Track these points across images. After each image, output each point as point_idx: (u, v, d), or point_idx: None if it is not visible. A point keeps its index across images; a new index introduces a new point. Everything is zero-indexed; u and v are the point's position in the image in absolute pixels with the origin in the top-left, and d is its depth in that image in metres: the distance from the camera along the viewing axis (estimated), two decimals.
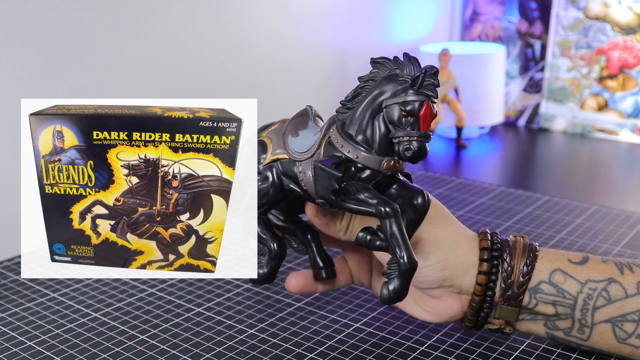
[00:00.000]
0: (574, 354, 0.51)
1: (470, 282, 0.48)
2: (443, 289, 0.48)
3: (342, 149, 0.44)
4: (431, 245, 0.47)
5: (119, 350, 0.53)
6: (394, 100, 0.42)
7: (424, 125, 0.42)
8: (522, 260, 0.48)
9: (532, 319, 0.49)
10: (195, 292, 0.62)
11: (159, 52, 0.86)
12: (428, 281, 0.48)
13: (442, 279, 0.47)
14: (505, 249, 0.48)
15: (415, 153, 0.41)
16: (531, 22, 1.28)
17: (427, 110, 0.41)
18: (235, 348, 0.53)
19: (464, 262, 0.48)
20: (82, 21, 0.77)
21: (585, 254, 0.49)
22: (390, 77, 0.43)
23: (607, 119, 1.21)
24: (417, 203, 0.43)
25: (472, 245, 0.48)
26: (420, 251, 0.46)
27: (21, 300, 0.61)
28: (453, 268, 0.47)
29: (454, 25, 1.37)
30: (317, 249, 0.51)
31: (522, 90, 1.30)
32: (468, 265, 0.48)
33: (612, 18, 1.18)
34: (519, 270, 0.47)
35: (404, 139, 0.41)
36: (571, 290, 0.47)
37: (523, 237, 0.50)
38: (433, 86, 0.42)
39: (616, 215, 0.79)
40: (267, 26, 0.98)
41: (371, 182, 0.44)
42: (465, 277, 0.48)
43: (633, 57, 1.17)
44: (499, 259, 0.48)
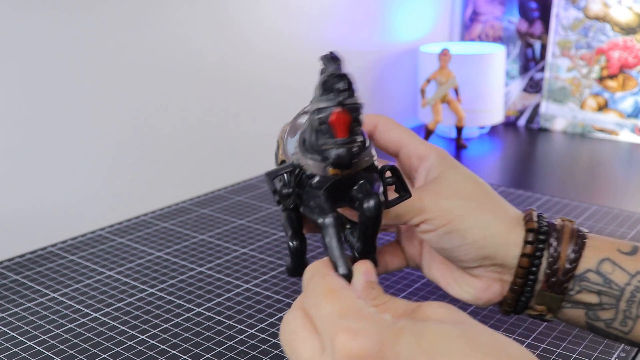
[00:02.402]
0: (574, 355, 0.51)
1: (512, 262, 0.45)
2: (484, 268, 0.46)
3: (294, 155, 0.43)
4: (468, 222, 0.44)
5: (119, 350, 0.53)
6: (311, 107, 0.41)
7: (340, 132, 0.39)
8: (570, 247, 0.45)
9: (573, 307, 0.46)
10: (195, 292, 0.62)
11: (159, 52, 0.86)
12: (467, 260, 0.45)
13: (482, 258, 0.45)
14: (552, 233, 0.46)
15: (336, 161, 0.39)
16: (531, 22, 1.28)
17: (338, 116, 0.39)
18: (235, 348, 0.53)
19: (505, 241, 0.45)
20: (82, 21, 0.77)
21: (635, 244, 0.46)
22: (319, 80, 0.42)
23: (607, 119, 1.21)
24: (364, 207, 0.41)
25: (514, 224, 0.46)
26: (457, 229, 0.44)
27: (21, 300, 0.61)
28: (493, 247, 0.45)
29: (454, 25, 1.37)
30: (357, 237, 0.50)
31: (522, 90, 1.30)
32: (509, 244, 0.45)
33: (612, 18, 1.18)
34: (565, 257, 0.45)
35: (326, 147, 0.40)
36: (619, 281, 0.44)
37: (571, 222, 0.47)
38: (341, 90, 0.40)
39: (616, 215, 0.79)
40: (267, 26, 0.98)
41: (324, 186, 0.42)
42: (507, 257, 0.45)
43: (633, 57, 1.17)
44: (544, 242, 0.45)
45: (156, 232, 0.77)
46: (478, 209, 0.45)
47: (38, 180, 0.76)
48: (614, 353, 0.51)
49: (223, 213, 0.82)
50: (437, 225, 0.44)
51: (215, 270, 0.67)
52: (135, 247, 0.73)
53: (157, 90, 0.86)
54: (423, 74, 1.19)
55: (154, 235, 0.76)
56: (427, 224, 0.44)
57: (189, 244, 0.73)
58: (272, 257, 0.70)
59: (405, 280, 0.64)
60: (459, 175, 0.46)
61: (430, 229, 0.44)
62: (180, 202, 0.87)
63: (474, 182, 0.46)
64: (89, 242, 0.74)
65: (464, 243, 0.45)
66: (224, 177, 0.96)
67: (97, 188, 0.82)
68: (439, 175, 0.46)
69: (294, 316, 0.37)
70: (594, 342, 0.53)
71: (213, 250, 0.71)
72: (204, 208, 0.84)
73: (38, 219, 0.76)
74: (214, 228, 0.77)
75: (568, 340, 0.53)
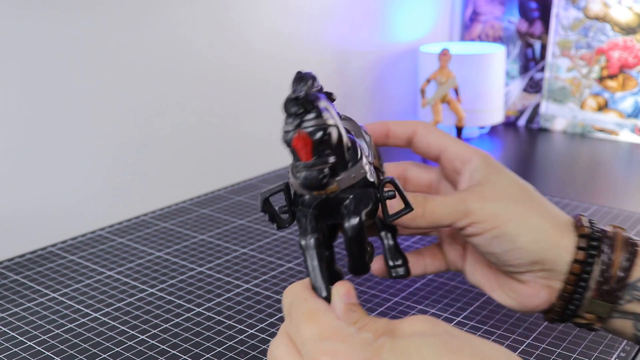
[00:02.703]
0: (574, 355, 0.51)
1: (562, 268, 0.44)
2: (532, 273, 0.45)
3: (290, 173, 0.44)
4: (517, 226, 0.44)
5: (119, 350, 0.53)
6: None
7: (302, 156, 0.39)
8: (623, 254, 0.44)
9: (622, 317, 0.45)
10: (195, 292, 0.62)
11: (159, 52, 0.86)
12: (516, 265, 0.45)
13: (532, 262, 0.44)
14: (604, 239, 0.45)
15: (304, 183, 0.39)
16: (531, 22, 1.28)
17: (297, 141, 0.39)
18: (235, 348, 0.53)
19: (555, 246, 0.44)
20: (81, 22, 0.77)
21: None
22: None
23: (607, 119, 1.21)
24: (345, 226, 0.41)
25: (564, 228, 0.45)
26: (506, 233, 0.43)
27: (21, 300, 0.61)
28: (543, 251, 0.44)
29: (454, 25, 1.37)
30: (388, 245, 0.49)
31: (522, 90, 1.30)
32: (560, 249, 0.44)
33: (612, 18, 1.18)
34: (618, 264, 0.44)
35: (296, 170, 0.40)
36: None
37: (622, 229, 0.46)
38: (297, 114, 0.39)
39: (616, 215, 0.79)
40: (267, 26, 0.99)
41: (312, 204, 0.42)
42: (557, 262, 0.44)
43: (633, 57, 1.17)
44: (596, 249, 0.44)
45: (156, 232, 0.77)
46: (527, 213, 0.44)
47: (38, 180, 0.76)
48: (614, 353, 0.51)
49: (223, 213, 0.82)
50: (485, 229, 0.44)
51: (215, 270, 0.67)
52: (135, 247, 0.73)
53: (157, 90, 0.86)
54: (423, 74, 1.19)
55: (154, 235, 0.76)
56: (474, 227, 0.44)
57: (189, 244, 0.73)
58: (272, 257, 0.70)
59: (405, 280, 0.64)
60: (505, 179, 0.46)
61: (477, 233, 0.44)
62: (180, 202, 0.87)
63: (520, 185, 0.46)
64: (89, 242, 0.74)
65: (514, 247, 0.44)
66: (224, 177, 0.96)
67: (97, 188, 0.82)
68: (484, 179, 0.45)
69: (279, 342, 0.37)
70: (594, 342, 0.53)
71: (213, 250, 0.72)
72: (204, 208, 0.84)
73: (38, 219, 0.76)
74: (214, 228, 0.77)
75: (568, 340, 0.53)
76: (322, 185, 0.40)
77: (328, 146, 0.40)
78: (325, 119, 0.40)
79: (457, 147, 0.48)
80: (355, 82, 1.16)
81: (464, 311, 0.58)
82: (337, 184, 0.41)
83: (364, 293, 0.61)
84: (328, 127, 0.39)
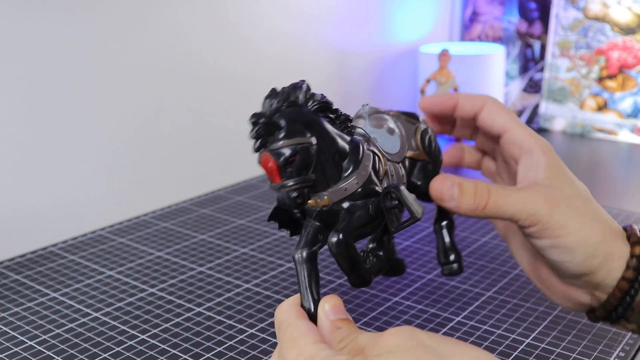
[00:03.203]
0: (573, 354, 0.51)
1: (610, 284, 0.44)
2: (578, 280, 0.44)
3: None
4: (578, 242, 0.43)
5: (119, 350, 0.53)
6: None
7: (270, 178, 0.40)
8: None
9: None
10: (195, 292, 0.62)
11: (159, 52, 0.86)
12: (569, 275, 0.44)
13: (583, 274, 0.43)
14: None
15: (279, 203, 0.40)
16: (531, 22, 1.28)
17: (263, 164, 0.39)
18: (235, 348, 0.53)
19: (608, 258, 0.43)
20: (81, 22, 0.77)
21: None
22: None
23: (606, 119, 1.21)
24: (327, 244, 0.41)
25: (619, 242, 0.44)
26: (566, 246, 0.42)
27: (22, 300, 0.61)
28: (594, 266, 0.43)
29: (453, 26, 1.37)
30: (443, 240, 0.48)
31: (521, 90, 1.31)
32: (612, 268, 0.43)
33: (612, 18, 1.19)
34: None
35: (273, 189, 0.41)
36: None
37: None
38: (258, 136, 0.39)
39: (616, 215, 0.79)
40: (267, 27, 0.99)
41: (314, 213, 0.42)
42: (606, 277, 0.43)
43: (632, 58, 1.18)
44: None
45: (156, 232, 0.77)
46: (587, 227, 0.43)
47: (38, 180, 0.76)
48: (613, 353, 0.51)
49: (223, 213, 0.82)
50: (546, 236, 0.43)
51: (216, 270, 0.67)
52: (136, 247, 0.73)
53: (157, 90, 0.86)
54: (423, 74, 1.19)
55: (154, 235, 0.76)
56: (536, 230, 0.43)
57: (189, 244, 0.73)
58: (272, 257, 0.70)
59: (405, 280, 0.64)
60: (570, 186, 0.45)
61: (537, 236, 0.43)
62: (181, 202, 0.87)
63: (583, 195, 0.45)
64: (90, 242, 0.74)
65: (568, 260, 0.43)
66: (224, 177, 0.96)
67: (97, 188, 0.82)
68: (550, 181, 0.44)
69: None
70: (593, 341, 0.53)
71: (213, 250, 0.72)
72: (204, 208, 0.84)
73: (38, 219, 0.76)
74: (214, 228, 0.78)
75: (568, 340, 0.53)
76: (297, 205, 0.39)
77: (299, 166, 0.39)
78: (292, 140, 0.39)
79: (519, 132, 0.46)
80: (355, 83, 1.16)
81: (463, 311, 0.58)
82: (327, 197, 0.41)
83: (363, 293, 0.62)
84: (294, 147, 0.39)
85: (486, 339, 0.53)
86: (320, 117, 0.41)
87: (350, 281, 0.43)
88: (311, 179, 0.40)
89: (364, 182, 0.42)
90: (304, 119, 0.40)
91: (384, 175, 0.43)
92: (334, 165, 0.41)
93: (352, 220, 0.41)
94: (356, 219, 0.41)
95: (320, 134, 0.41)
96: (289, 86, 0.41)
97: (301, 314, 0.39)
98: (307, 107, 0.41)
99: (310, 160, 0.40)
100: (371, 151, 0.43)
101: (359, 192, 0.42)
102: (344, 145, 0.42)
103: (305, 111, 0.41)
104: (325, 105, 0.41)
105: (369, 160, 0.42)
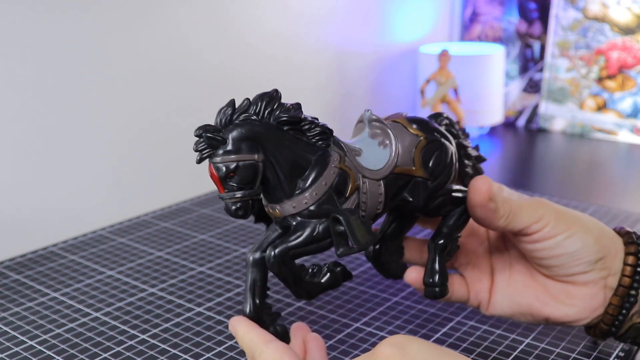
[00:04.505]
0: (573, 354, 0.51)
1: (618, 265, 0.47)
2: (595, 272, 0.47)
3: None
4: (587, 226, 0.46)
5: (119, 350, 0.53)
6: None
7: (218, 187, 0.41)
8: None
9: None
10: (195, 292, 0.62)
11: (159, 53, 0.86)
12: (588, 261, 0.46)
13: (598, 259, 0.46)
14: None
15: (227, 212, 0.41)
16: (530, 22, 1.28)
17: (210, 173, 0.41)
18: (236, 348, 0.53)
19: (613, 243, 0.47)
20: (81, 23, 0.77)
21: None
22: None
23: (606, 119, 1.21)
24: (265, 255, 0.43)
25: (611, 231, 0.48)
26: (580, 232, 0.46)
27: (22, 300, 0.61)
28: (606, 248, 0.46)
29: (453, 26, 1.37)
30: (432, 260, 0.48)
31: (521, 90, 1.31)
32: (617, 247, 0.47)
33: (611, 19, 1.19)
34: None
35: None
36: None
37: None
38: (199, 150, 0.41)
39: (615, 215, 0.79)
40: (267, 27, 0.99)
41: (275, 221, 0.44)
42: (615, 258, 0.47)
43: (632, 58, 1.18)
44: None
45: (156, 232, 0.77)
46: (588, 218, 0.48)
47: (39, 180, 0.76)
48: (613, 353, 0.52)
49: (223, 213, 0.82)
50: (559, 231, 0.46)
51: (216, 270, 0.67)
52: (136, 246, 0.73)
53: (157, 90, 0.87)
54: (423, 74, 1.19)
55: (154, 235, 0.76)
56: (549, 229, 0.46)
57: (189, 244, 0.73)
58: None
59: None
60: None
61: (551, 235, 0.46)
62: (181, 202, 0.87)
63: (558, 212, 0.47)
64: (90, 241, 0.74)
65: (586, 245, 0.46)
66: None
67: (97, 188, 0.82)
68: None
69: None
70: (593, 342, 0.53)
71: (213, 250, 0.72)
72: (204, 208, 0.84)
73: (39, 219, 0.76)
74: (214, 228, 0.78)
75: (568, 340, 0.53)
76: (239, 216, 0.41)
77: (240, 181, 0.40)
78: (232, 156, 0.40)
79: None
80: (355, 83, 1.16)
81: (463, 311, 0.58)
82: (278, 210, 0.42)
83: (363, 293, 0.62)
84: (235, 164, 0.40)
85: (486, 339, 0.53)
86: (279, 130, 0.41)
87: (292, 293, 0.44)
88: (255, 192, 0.41)
89: (316, 201, 0.42)
90: (253, 135, 0.40)
91: (353, 192, 0.43)
92: (289, 180, 0.42)
93: (293, 238, 0.42)
94: (297, 238, 0.42)
95: (273, 149, 0.41)
96: (256, 96, 0.41)
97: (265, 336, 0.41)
98: (269, 120, 0.41)
99: (252, 176, 0.40)
100: (339, 168, 0.42)
101: (310, 211, 0.42)
102: (305, 160, 0.42)
103: (258, 125, 0.41)
104: (290, 119, 0.41)
105: (329, 179, 0.42)
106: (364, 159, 0.44)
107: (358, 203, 0.43)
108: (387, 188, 0.45)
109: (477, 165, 0.51)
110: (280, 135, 0.41)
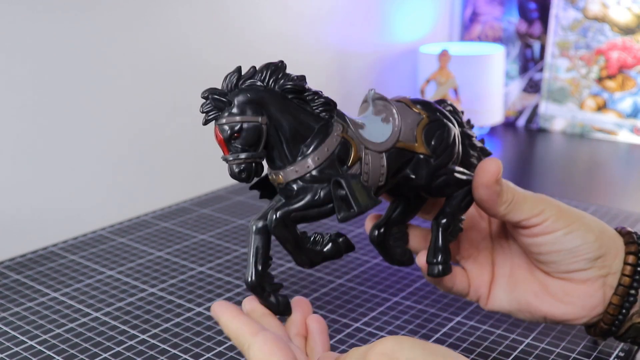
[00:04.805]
0: (573, 354, 0.51)
1: (618, 264, 0.47)
2: (594, 270, 0.47)
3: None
4: (588, 223, 0.46)
5: (119, 350, 0.53)
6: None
7: (222, 149, 0.41)
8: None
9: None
10: (195, 292, 0.62)
11: (159, 53, 0.86)
12: (587, 259, 0.46)
13: (597, 257, 0.46)
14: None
15: (230, 176, 0.41)
16: (530, 22, 1.28)
17: (215, 135, 0.41)
18: (235, 348, 0.53)
19: (614, 242, 0.47)
20: (82, 23, 0.77)
21: None
22: None
23: (606, 119, 1.21)
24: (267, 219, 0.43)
25: (613, 230, 0.48)
26: (581, 228, 0.46)
27: (22, 300, 0.61)
28: (606, 246, 0.46)
29: (453, 26, 1.37)
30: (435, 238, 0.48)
31: (521, 90, 1.31)
32: (618, 246, 0.47)
33: (611, 19, 1.19)
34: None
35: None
36: None
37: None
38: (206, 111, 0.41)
39: (615, 215, 0.79)
40: (267, 27, 0.99)
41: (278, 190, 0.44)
42: (616, 257, 0.47)
43: (632, 58, 1.18)
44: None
45: (156, 232, 0.77)
46: (589, 216, 0.47)
47: (39, 180, 0.76)
48: (613, 353, 0.52)
49: (223, 213, 0.82)
50: (559, 227, 0.46)
51: (216, 270, 0.67)
52: (136, 247, 0.73)
53: (157, 91, 0.87)
54: (423, 74, 1.19)
55: (154, 235, 0.76)
56: (551, 223, 0.46)
57: (189, 244, 0.73)
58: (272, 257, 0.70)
59: (405, 280, 0.64)
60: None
61: (552, 230, 0.46)
62: (181, 202, 0.87)
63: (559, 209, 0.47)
64: (90, 241, 0.74)
65: (586, 242, 0.46)
66: (224, 177, 0.96)
67: (97, 188, 0.82)
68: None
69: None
70: (593, 342, 0.53)
71: (213, 250, 0.72)
72: (204, 208, 0.84)
73: (39, 219, 0.76)
74: (214, 228, 0.78)
75: (568, 340, 0.53)
76: (242, 178, 0.41)
77: (244, 142, 0.41)
78: (237, 117, 0.40)
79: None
80: (355, 83, 1.16)
81: (463, 311, 0.58)
82: (281, 176, 0.42)
83: (363, 293, 0.62)
84: (240, 125, 0.40)
85: (486, 339, 0.53)
86: (284, 98, 0.42)
87: (294, 260, 0.45)
88: (259, 155, 0.41)
89: (319, 166, 0.42)
90: (258, 99, 0.41)
91: (355, 162, 0.43)
92: (292, 146, 0.42)
93: (295, 201, 0.42)
94: (299, 201, 0.42)
95: (277, 114, 0.41)
96: (262, 65, 0.42)
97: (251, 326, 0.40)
98: (273, 87, 0.42)
99: (256, 138, 0.41)
100: (342, 137, 0.43)
101: (313, 176, 0.42)
102: (308, 128, 0.42)
103: (263, 91, 0.41)
104: (294, 87, 0.42)
105: (331, 146, 0.42)
106: (366, 132, 0.45)
107: (360, 173, 0.43)
108: (390, 162, 0.45)
109: (482, 157, 0.51)
110: (285, 103, 0.42)
